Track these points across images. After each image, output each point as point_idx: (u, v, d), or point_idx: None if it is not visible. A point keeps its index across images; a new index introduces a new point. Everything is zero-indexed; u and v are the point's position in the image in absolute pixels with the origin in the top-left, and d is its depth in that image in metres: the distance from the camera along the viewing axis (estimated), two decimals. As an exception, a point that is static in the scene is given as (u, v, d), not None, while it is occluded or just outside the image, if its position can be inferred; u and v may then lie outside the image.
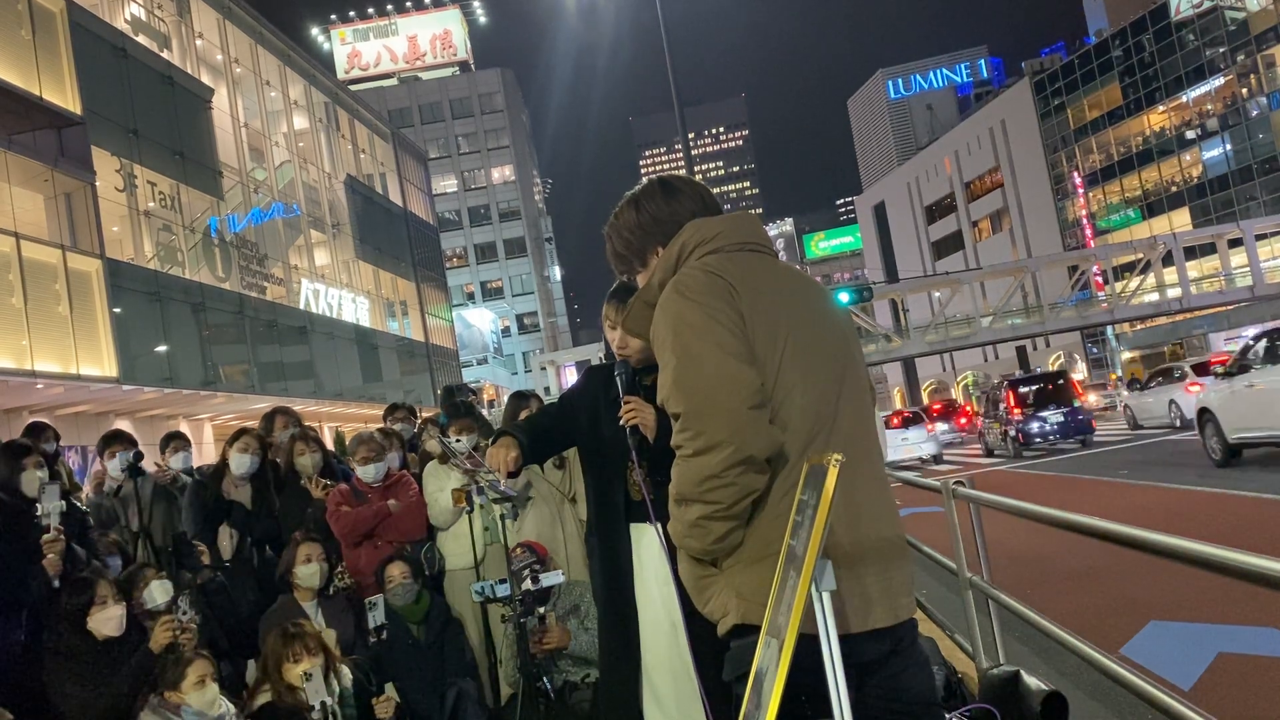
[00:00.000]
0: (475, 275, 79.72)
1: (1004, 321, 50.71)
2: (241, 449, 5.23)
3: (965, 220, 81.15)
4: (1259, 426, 10.95)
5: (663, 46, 17.37)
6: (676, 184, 2.24)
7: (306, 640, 3.79)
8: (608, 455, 2.98)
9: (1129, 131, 63.78)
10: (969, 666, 4.23)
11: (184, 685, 3.55)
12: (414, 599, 4.55)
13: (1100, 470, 14.32)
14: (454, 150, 79.97)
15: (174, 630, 3.75)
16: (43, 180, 21.33)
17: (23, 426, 5.61)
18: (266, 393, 28.07)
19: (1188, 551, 2.15)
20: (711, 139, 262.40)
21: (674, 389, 1.90)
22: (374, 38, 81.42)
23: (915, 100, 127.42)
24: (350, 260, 38.66)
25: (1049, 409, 20.80)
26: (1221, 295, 49.67)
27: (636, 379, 2.85)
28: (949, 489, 4.07)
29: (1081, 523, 2.77)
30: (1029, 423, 20.87)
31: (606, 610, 3.07)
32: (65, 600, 3.78)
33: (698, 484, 1.85)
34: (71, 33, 22.23)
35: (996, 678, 3.52)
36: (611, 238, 2.29)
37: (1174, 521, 8.44)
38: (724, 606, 1.93)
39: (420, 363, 44.33)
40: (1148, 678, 2.69)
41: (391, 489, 5.04)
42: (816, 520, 1.65)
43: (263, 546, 5.23)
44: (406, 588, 4.51)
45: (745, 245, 2.09)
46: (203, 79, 29.46)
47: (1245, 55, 56.02)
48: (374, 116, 46.52)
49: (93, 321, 21.34)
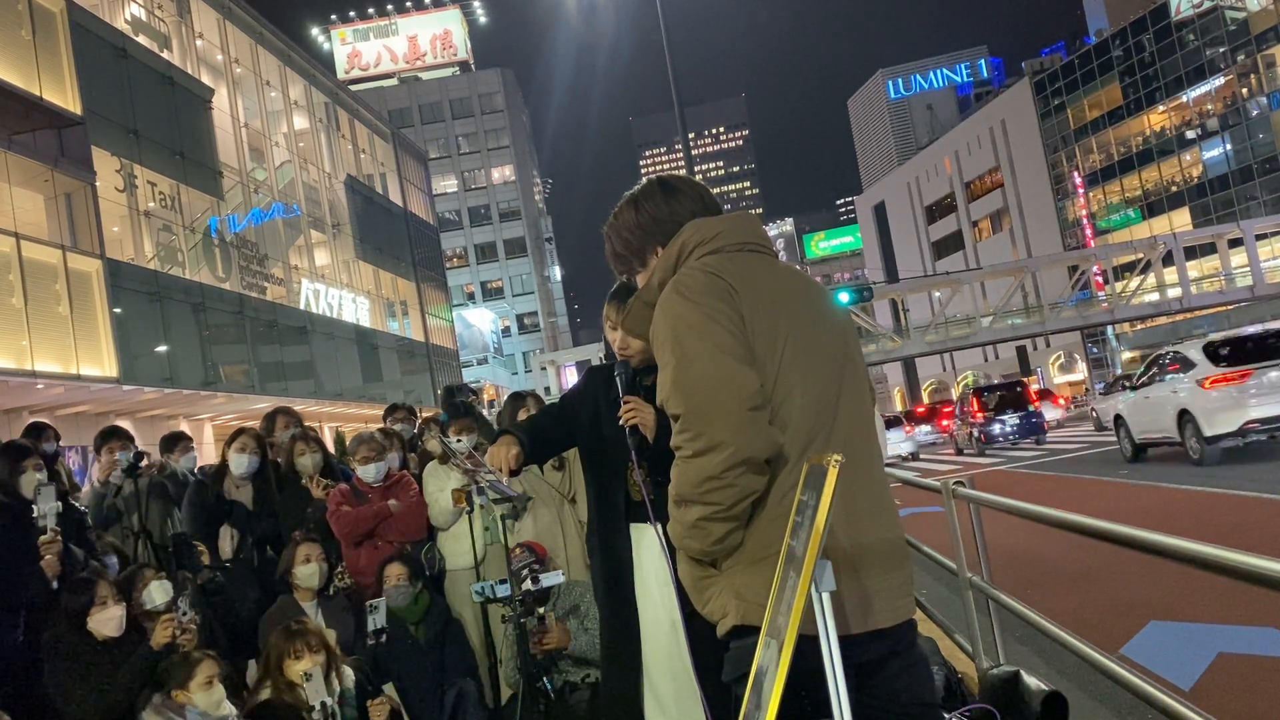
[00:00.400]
0: (475, 275, 79.72)
1: (1004, 321, 50.73)
2: (240, 449, 5.23)
3: (965, 220, 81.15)
4: (1153, 430, 13.89)
5: (663, 46, 17.36)
6: (676, 184, 2.23)
7: (308, 639, 3.78)
8: (608, 455, 2.98)
9: (1129, 131, 63.77)
10: (969, 666, 4.23)
11: (192, 685, 3.55)
12: (412, 600, 4.55)
13: (1098, 470, 14.35)
14: (454, 150, 79.97)
15: (174, 629, 3.75)
16: (43, 180, 21.33)
17: (23, 427, 5.61)
18: (267, 393, 28.07)
19: (1187, 552, 2.14)
20: (711, 139, 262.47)
21: (674, 390, 1.90)
22: (374, 38, 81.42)
23: (915, 100, 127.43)
24: (350, 260, 38.66)
25: (1007, 413, 24.14)
26: (1222, 295, 49.68)
27: (637, 379, 2.85)
28: (949, 489, 4.07)
29: (1081, 523, 2.77)
30: (990, 425, 24.15)
31: (607, 611, 3.07)
32: (65, 601, 3.78)
33: (697, 485, 1.85)
34: (72, 33, 22.23)
35: (996, 678, 3.52)
36: (611, 238, 2.28)
37: (1172, 521, 8.45)
38: (724, 607, 1.93)
39: (420, 363, 44.33)
40: (1148, 678, 2.69)
41: (392, 489, 5.04)
42: (816, 521, 1.65)
43: (264, 546, 5.23)
44: (403, 589, 4.51)
45: (745, 245, 2.08)
46: (203, 79, 29.47)
47: (1245, 55, 56.02)
48: (374, 116, 46.52)
49: (93, 321, 21.34)
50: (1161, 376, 13.76)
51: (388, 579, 4.52)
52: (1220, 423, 12.05)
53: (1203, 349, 12.97)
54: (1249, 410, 11.87)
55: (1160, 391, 13.55)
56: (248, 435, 5.32)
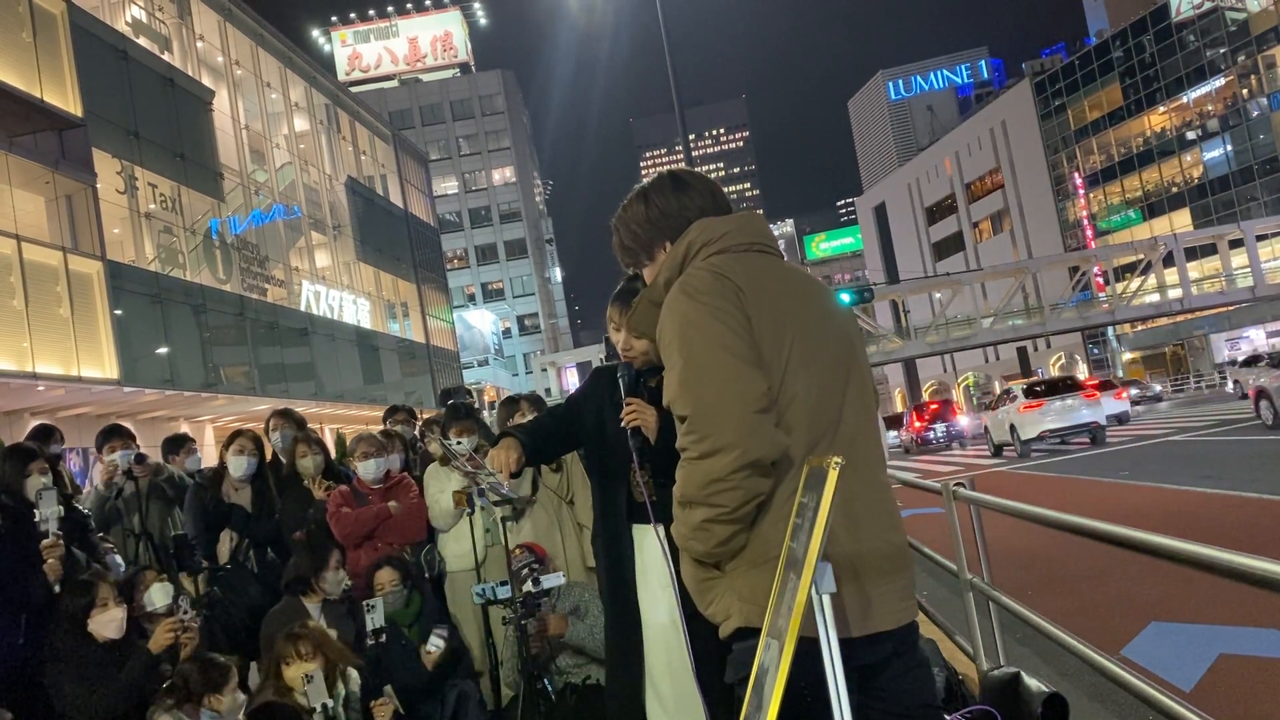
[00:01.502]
0: (476, 277, 79.73)
1: (1005, 322, 50.72)
2: (238, 450, 5.21)
3: (966, 221, 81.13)
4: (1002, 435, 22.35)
5: (663, 47, 17.37)
6: (687, 179, 2.22)
7: (310, 641, 3.77)
8: (612, 457, 2.98)
9: (1130, 132, 63.77)
10: (970, 668, 4.23)
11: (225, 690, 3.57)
12: (404, 604, 4.54)
13: (1103, 470, 14.34)
14: (455, 152, 79.99)
15: (176, 631, 3.75)
16: (44, 182, 21.34)
17: (24, 429, 5.62)
18: (267, 394, 28.08)
19: (1188, 553, 2.14)
20: (712, 140, 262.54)
21: (680, 391, 1.89)
22: (375, 39, 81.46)
23: (916, 101, 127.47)
24: (351, 262, 38.67)
25: (937, 423, 33.58)
26: (1223, 296, 49.69)
27: (640, 381, 2.84)
28: (949, 490, 4.07)
29: (1081, 524, 2.77)
30: (926, 432, 33.55)
31: (610, 611, 3.08)
32: (65, 602, 3.77)
33: (703, 487, 1.85)
34: (72, 35, 22.25)
35: (997, 679, 3.51)
36: (619, 230, 2.27)
37: (1171, 522, 8.44)
38: (726, 609, 1.93)
39: (421, 364, 44.33)
40: (1148, 679, 2.69)
41: (392, 490, 5.04)
42: (816, 523, 1.64)
43: (264, 549, 5.21)
44: (396, 594, 4.50)
45: (752, 246, 2.08)
46: (203, 81, 29.48)
47: (1246, 56, 56.02)
48: (375, 118, 46.53)
49: (94, 323, 21.35)
50: (1004, 404, 22.82)
51: (379, 585, 4.49)
52: (1029, 432, 20.72)
53: (1022, 390, 22.17)
54: (1043, 425, 20.56)
55: (1000, 413, 22.70)
56: (245, 437, 5.30)
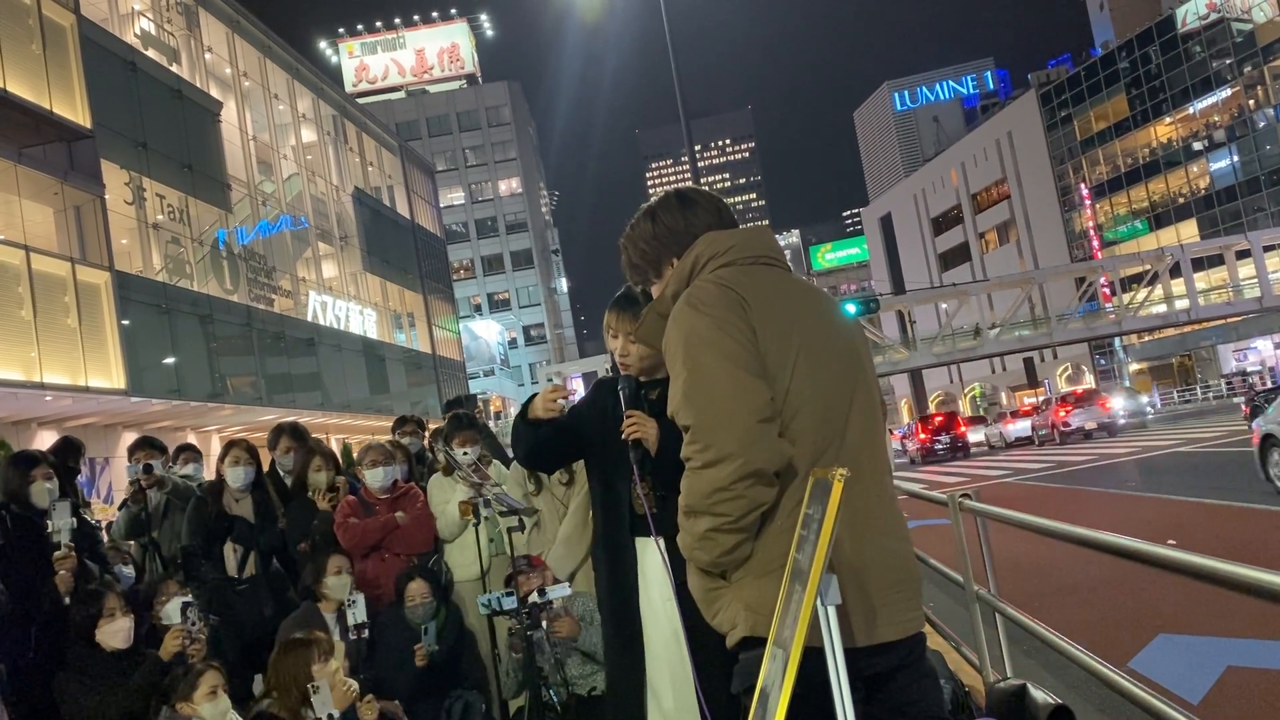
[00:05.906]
0: (482, 287, 79.87)
1: (1011, 333, 50.57)
2: (234, 461, 5.17)
3: (972, 232, 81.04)
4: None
5: (669, 58, 17.42)
6: (693, 196, 2.25)
7: (317, 650, 3.77)
8: (614, 468, 2.98)
9: (1136, 143, 63.68)
10: (976, 679, 4.22)
11: (196, 696, 3.55)
12: (433, 615, 4.56)
13: (1109, 483, 14.30)
14: (461, 163, 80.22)
15: (183, 640, 3.75)
16: (52, 193, 21.44)
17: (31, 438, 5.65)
18: (274, 405, 28.13)
19: (1195, 566, 2.14)
20: (718, 151, 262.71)
21: (684, 401, 1.91)
22: (382, 51, 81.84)
23: (921, 112, 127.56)
24: (358, 272, 38.77)
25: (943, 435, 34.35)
26: (1229, 306, 49.49)
27: (641, 392, 2.85)
28: (955, 502, 4.06)
29: (1088, 536, 2.76)
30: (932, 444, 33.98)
31: (611, 623, 3.07)
32: (74, 612, 3.78)
33: (706, 496, 1.86)
34: (81, 47, 22.38)
35: (1004, 691, 3.50)
36: (627, 249, 2.30)
37: (1178, 533, 8.41)
38: (733, 619, 1.93)
39: (427, 374, 44.39)
40: (1156, 691, 2.68)
41: (399, 500, 5.05)
42: (821, 535, 1.65)
43: (269, 559, 5.19)
44: (427, 606, 4.53)
45: (759, 258, 2.10)
46: (211, 92, 29.63)
47: (1252, 67, 55.95)
48: (381, 129, 46.71)
49: (101, 333, 21.42)
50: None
51: (410, 597, 4.53)
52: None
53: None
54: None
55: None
56: (240, 448, 5.24)
